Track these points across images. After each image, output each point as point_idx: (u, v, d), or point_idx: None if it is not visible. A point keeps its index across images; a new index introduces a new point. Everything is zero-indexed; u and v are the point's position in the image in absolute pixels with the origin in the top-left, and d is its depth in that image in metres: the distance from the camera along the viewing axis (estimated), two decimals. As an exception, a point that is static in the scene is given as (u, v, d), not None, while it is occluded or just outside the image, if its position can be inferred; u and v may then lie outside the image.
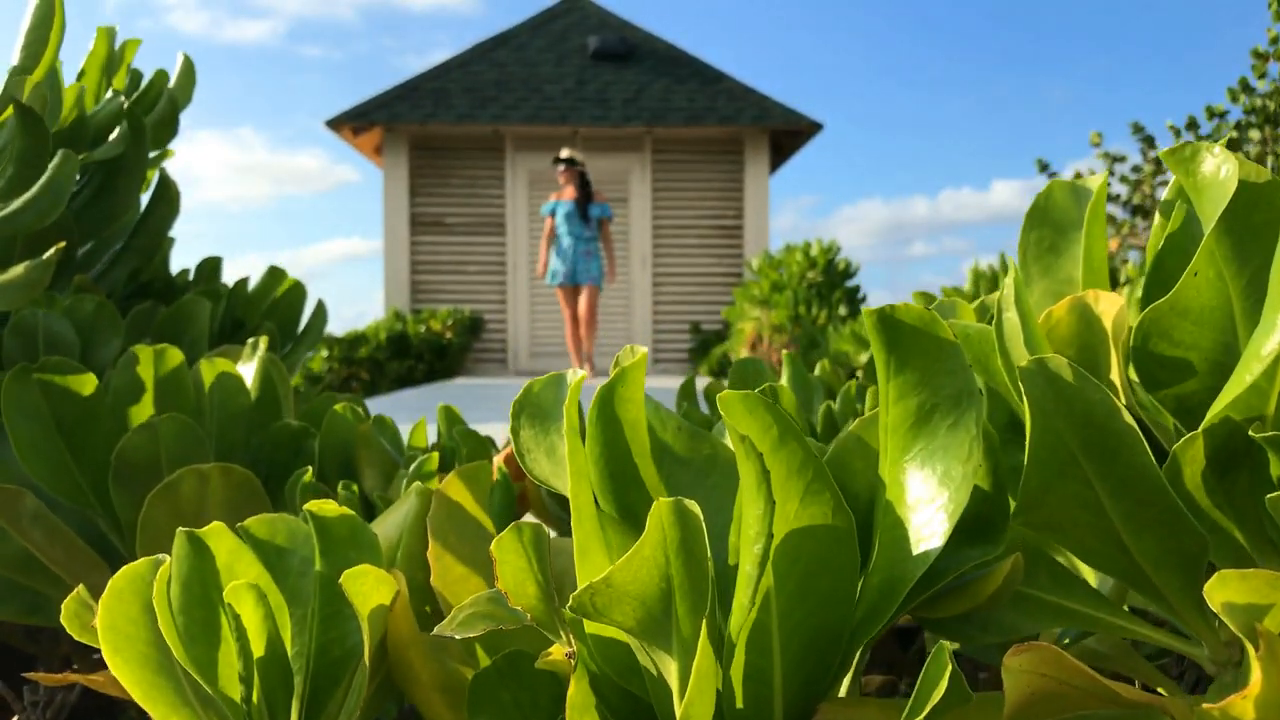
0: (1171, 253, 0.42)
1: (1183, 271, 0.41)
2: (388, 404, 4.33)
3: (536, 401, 0.33)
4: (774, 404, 0.27)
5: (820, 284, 4.72)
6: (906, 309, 0.28)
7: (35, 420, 0.50)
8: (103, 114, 0.85)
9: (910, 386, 0.28)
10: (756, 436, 0.27)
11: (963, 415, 0.28)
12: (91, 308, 0.71)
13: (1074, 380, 0.28)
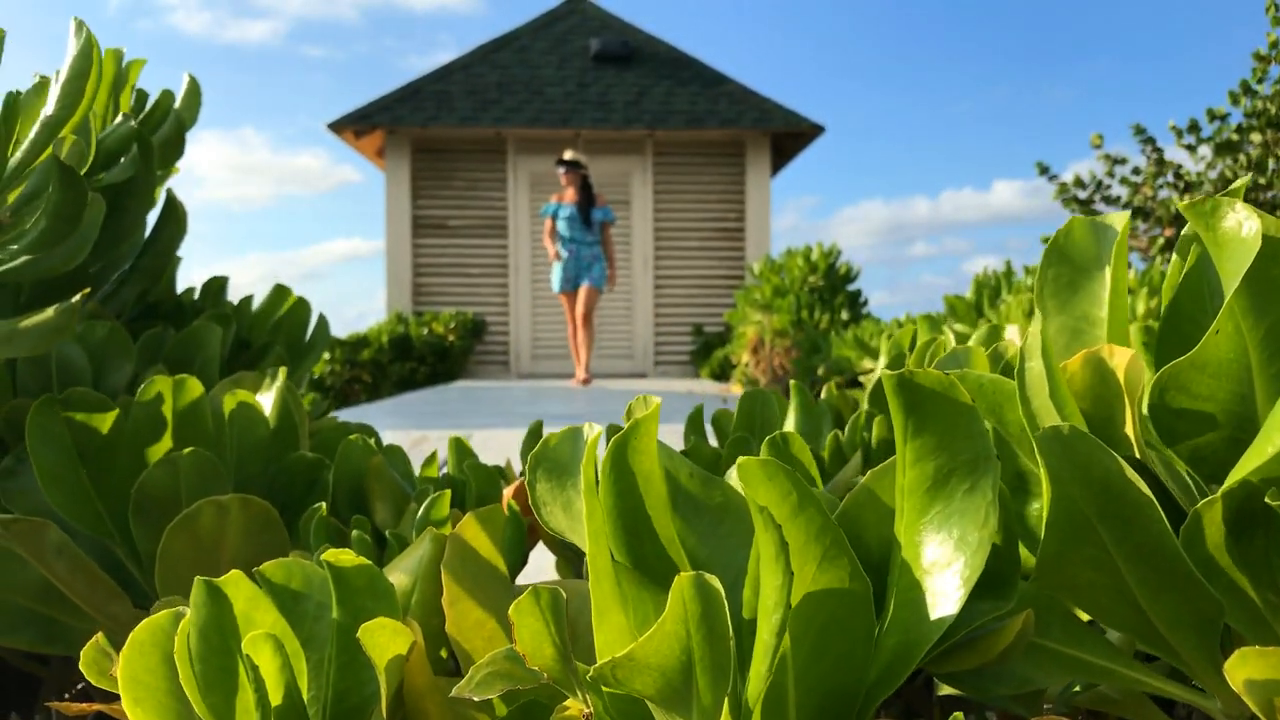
0: (1186, 298, 0.42)
1: (1196, 316, 0.41)
2: (390, 407, 4.33)
3: (553, 456, 0.33)
4: (791, 471, 0.27)
5: (822, 288, 4.72)
6: (925, 374, 0.28)
7: (58, 451, 0.50)
8: (113, 138, 0.85)
9: (928, 450, 0.29)
10: (775, 503, 0.27)
11: (979, 480, 0.28)
12: (104, 334, 0.71)
13: (1090, 449, 0.28)
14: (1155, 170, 9.71)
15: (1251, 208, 0.36)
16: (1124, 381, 0.34)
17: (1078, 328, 0.46)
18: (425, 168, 8.81)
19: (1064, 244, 0.46)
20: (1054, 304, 0.46)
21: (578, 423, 1.57)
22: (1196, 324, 0.41)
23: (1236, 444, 0.37)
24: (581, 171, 6.73)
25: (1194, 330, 0.41)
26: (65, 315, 0.57)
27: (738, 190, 8.92)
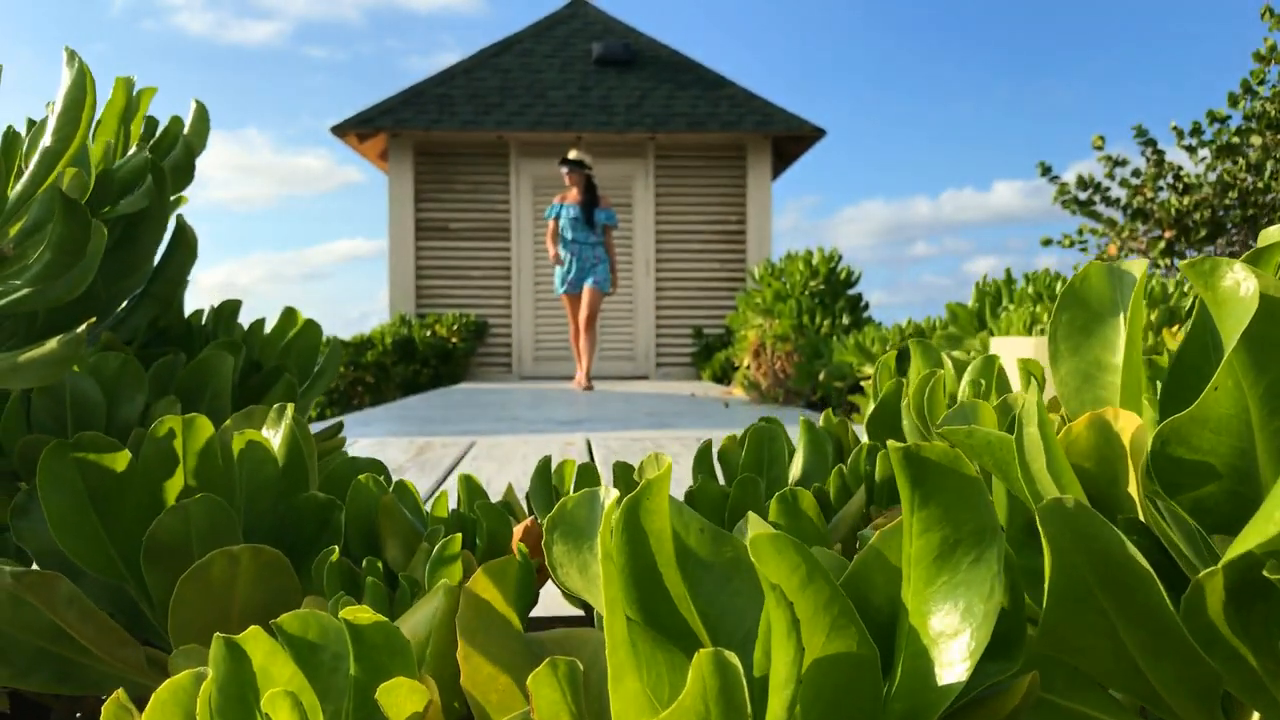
0: (1191, 351, 0.43)
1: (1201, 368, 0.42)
2: (394, 412, 4.34)
3: (570, 519, 0.34)
4: (800, 544, 0.28)
5: (822, 292, 4.72)
6: (931, 448, 0.29)
7: (69, 496, 0.51)
8: (126, 168, 0.86)
9: (934, 521, 0.29)
10: (785, 576, 0.28)
11: (984, 552, 0.29)
12: (116, 365, 0.72)
13: (1091, 521, 0.29)
14: (1155, 172, 9.71)
15: (1249, 267, 0.37)
16: (1129, 445, 0.34)
17: (1089, 373, 0.46)
18: (428, 171, 8.82)
19: (1080, 288, 0.46)
20: (1066, 347, 0.46)
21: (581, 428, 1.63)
22: (1200, 375, 0.42)
23: (1237, 496, 0.38)
24: (586, 171, 6.68)
25: (1198, 382, 0.42)
26: (69, 346, 0.57)
27: (739, 193, 8.92)
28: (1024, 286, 2.55)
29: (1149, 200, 9.39)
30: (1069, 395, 0.46)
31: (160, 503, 0.55)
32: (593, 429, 3.36)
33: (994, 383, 0.70)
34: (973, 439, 0.37)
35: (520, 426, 3.46)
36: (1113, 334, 0.45)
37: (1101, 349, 0.45)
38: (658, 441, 2.87)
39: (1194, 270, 0.38)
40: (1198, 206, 9.12)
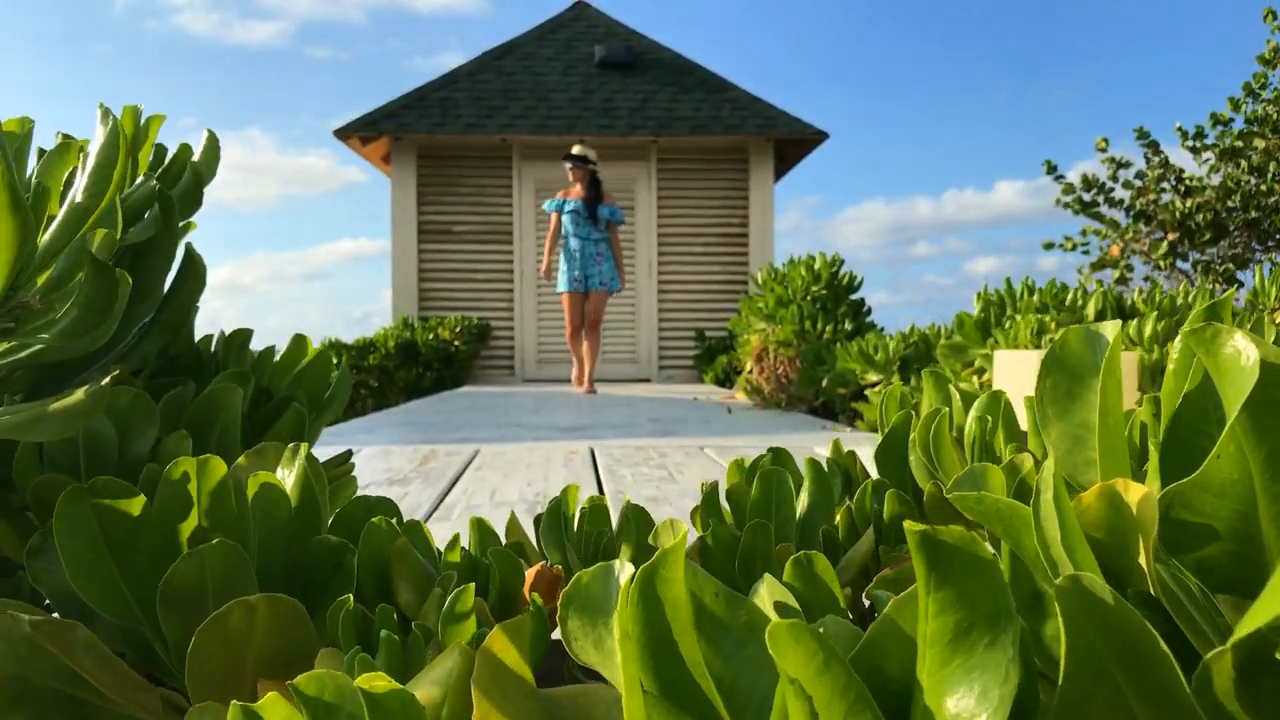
0: (1189, 407, 0.43)
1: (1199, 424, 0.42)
2: (397, 417, 4.35)
3: (585, 593, 0.34)
4: (815, 632, 0.28)
5: (824, 297, 4.72)
6: (949, 531, 0.29)
7: (86, 542, 0.52)
8: (134, 197, 0.87)
9: (950, 603, 0.30)
10: (802, 663, 0.28)
11: (999, 635, 0.29)
12: (128, 400, 0.72)
13: (1107, 600, 0.29)
14: (1159, 174, 9.70)
15: (1251, 335, 0.38)
16: (1138, 516, 0.35)
17: (1078, 435, 0.47)
18: (431, 174, 8.83)
19: (1061, 353, 0.47)
20: (1054, 411, 0.47)
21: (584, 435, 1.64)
22: (1198, 431, 0.42)
23: (1240, 558, 0.39)
24: (590, 167, 6.50)
25: (1195, 436, 0.42)
26: (95, 398, 0.58)
27: (741, 196, 8.93)
28: (1028, 296, 2.55)
29: (1152, 202, 9.38)
30: (1061, 457, 0.46)
31: (174, 545, 0.55)
32: (596, 435, 3.37)
33: (1000, 418, 0.70)
34: (983, 505, 0.37)
35: (523, 433, 3.46)
36: (1095, 396, 0.45)
37: (1087, 411, 0.45)
38: (661, 450, 2.87)
39: (1195, 336, 0.39)
40: (1200, 209, 9.12)
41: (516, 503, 1.95)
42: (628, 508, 0.56)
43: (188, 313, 0.91)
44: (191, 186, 0.97)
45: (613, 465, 2.52)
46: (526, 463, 2.57)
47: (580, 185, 6.54)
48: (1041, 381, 0.48)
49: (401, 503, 1.95)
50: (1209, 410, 0.43)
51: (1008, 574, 0.39)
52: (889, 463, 0.78)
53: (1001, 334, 2.33)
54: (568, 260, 6.57)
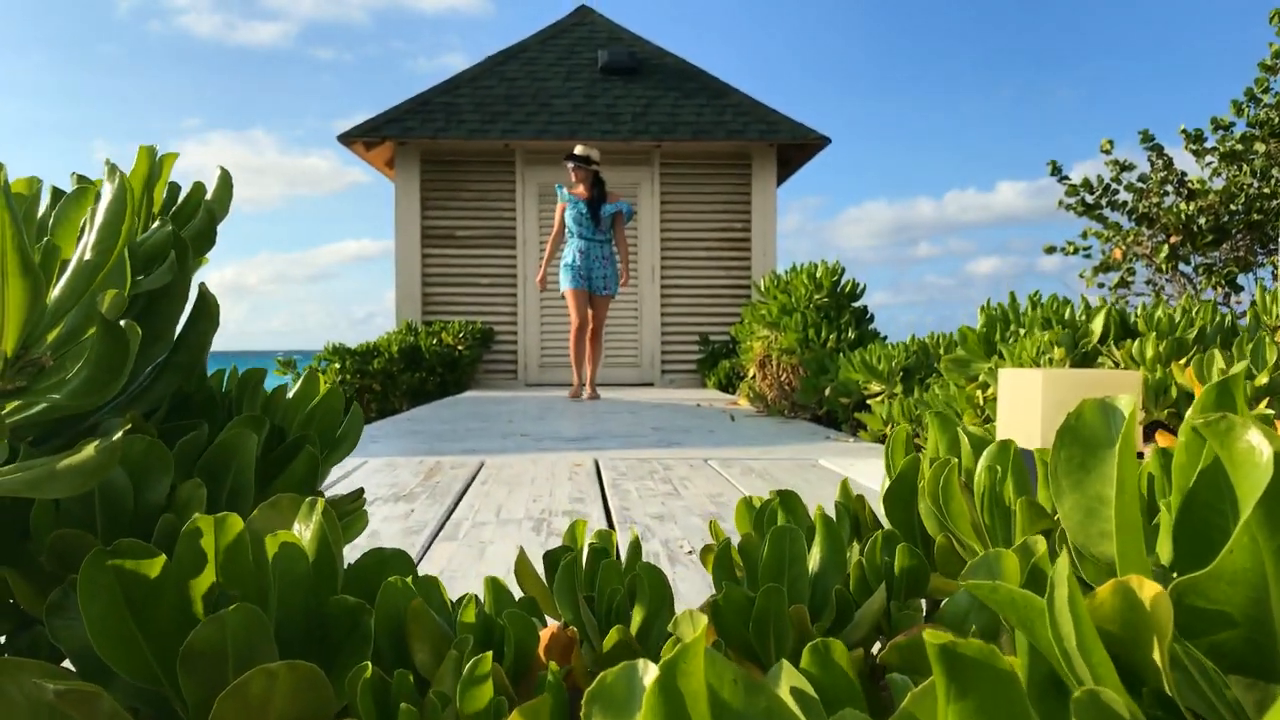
0: (1203, 488, 0.44)
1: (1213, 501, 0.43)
2: (402, 425, 4.36)
3: (609, 693, 0.35)
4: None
5: (827, 305, 4.73)
6: (968, 644, 0.30)
7: (108, 605, 0.52)
8: (150, 243, 0.87)
9: (968, 714, 0.30)
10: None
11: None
12: (143, 448, 0.73)
13: (1124, 715, 0.30)
14: (1162, 177, 9.68)
15: (1266, 429, 0.38)
16: (1152, 613, 0.35)
17: (1091, 506, 0.47)
18: (434, 179, 8.84)
19: (1075, 425, 0.48)
20: (1068, 483, 0.48)
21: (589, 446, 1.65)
22: (1212, 508, 0.43)
23: (1252, 642, 0.39)
24: (592, 167, 6.38)
25: (1209, 514, 0.43)
26: (107, 455, 0.58)
27: (744, 200, 8.93)
28: (1031, 311, 2.55)
29: (1155, 205, 9.38)
30: (1074, 528, 0.47)
31: (194, 605, 0.56)
32: (600, 446, 3.37)
33: (1009, 468, 0.71)
34: (998, 595, 0.38)
35: (528, 444, 3.47)
36: (1110, 469, 0.46)
37: (1101, 484, 0.46)
38: (665, 462, 2.87)
39: (1210, 430, 0.39)
40: (1202, 212, 9.11)
41: (522, 520, 1.95)
42: (643, 569, 0.57)
43: (201, 353, 0.92)
44: (205, 225, 0.97)
45: (617, 480, 2.52)
46: (531, 476, 2.58)
47: (583, 186, 6.42)
48: (1056, 452, 0.48)
49: (408, 519, 1.96)
50: (1221, 489, 0.43)
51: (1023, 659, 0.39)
52: (897, 507, 0.78)
53: (1006, 349, 2.34)
54: (572, 259, 6.45)
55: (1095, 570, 0.49)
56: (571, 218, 6.42)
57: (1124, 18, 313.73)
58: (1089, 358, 2.19)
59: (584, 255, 6.44)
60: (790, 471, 2.69)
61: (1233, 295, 9.56)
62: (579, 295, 6.50)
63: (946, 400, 2.55)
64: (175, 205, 0.97)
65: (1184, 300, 2.52)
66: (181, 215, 0.96)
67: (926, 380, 3.41)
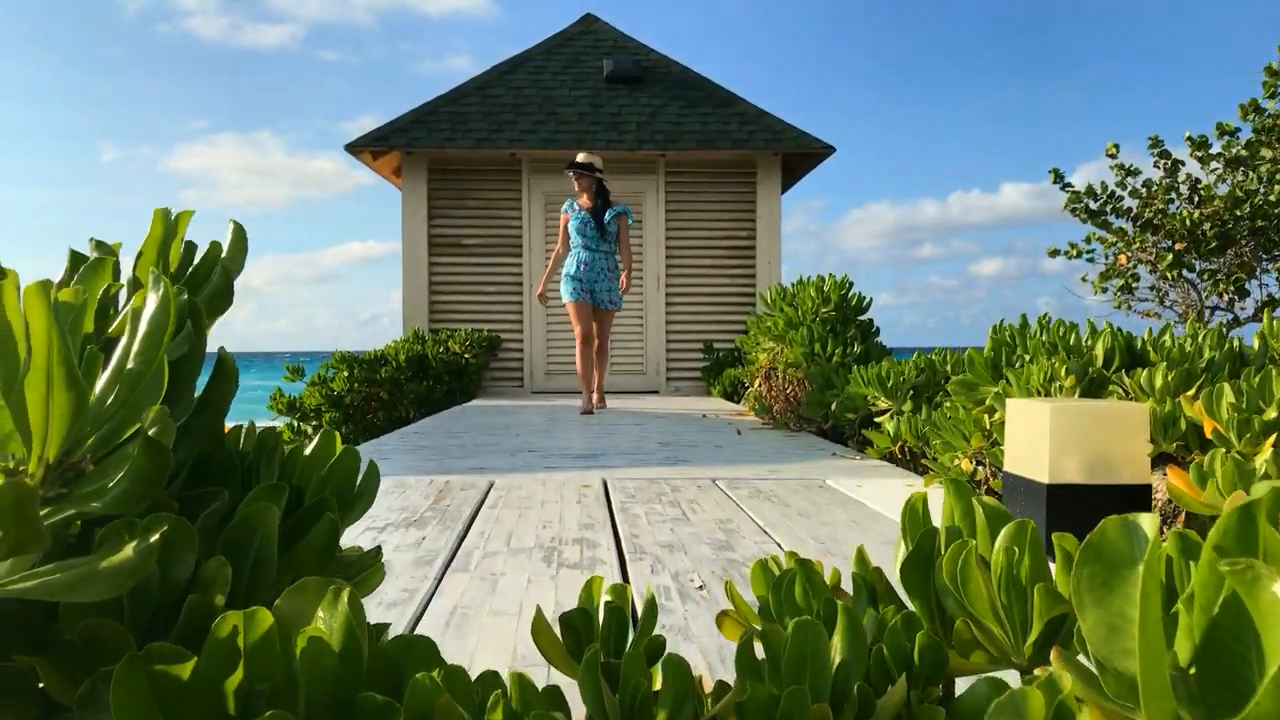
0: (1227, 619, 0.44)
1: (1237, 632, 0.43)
2: (410, 439, 4.37)
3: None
4: None
5: (833, 319, 4.73)
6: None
7: (141, 708, 0.53)
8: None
9: None
10: None
11: None
12: (169, 527, 0.74)
13: None
14: (1168, 183, 9.66)
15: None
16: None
17: (1114, 624, 0.48)
18: (441, 187, 8.86)
19: (1098, 543, 0.48)
20: (1090, 599, 0.48)
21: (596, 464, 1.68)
22: (1237, 640, 0.43)
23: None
24: (595, 175, 6.24)
25: (1234, 649, 0.44)
26: (145, 556, 0.59)
27: (749, 209, 8.94)
28: (1038, 335, 2.55)
29: (1159, 212, 9.37)
30: (1098, 644, 0.48)
31: (224, 701, 0.57)
32: (608, 464, 3.38)
33: (1026, 549, 0.71)
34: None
35: (536, 461, 3.48)
36: (1133, 589, 0.47)
37: (1124, 603, 0.47)
38: (673, 483, 2.88)
39: (1237, 578, 0.40)
40: (1207, 218, 9.09)
41: (533, 548, 1.96)
42: (666, 661, 0.57)
43: (221, 417, 0.93)
44: (222, 285, 0.99)
45: (626, 503, 2.53)
46: (541, 499, 2.59)
47: (586, 195, 6.28)
48: (1079, 569, 0.49)
49: (419, 547, 1.97)
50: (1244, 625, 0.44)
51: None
52: (915, 577, 0.79)
53: (1013, 375, 2.34)
54: (575, 270, 6.27)
55: (1117, 684, 0.50)
56: (575, 228, 6.28)
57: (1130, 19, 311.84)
58: (1098, 384, 2.19)
59: (588, 267, 6.27)
60: (798, 493, 2.69)
61: (1237, 301, 9.55)
62: (581, 308, 6.31)
63: (955, 424, 2.55)
64: (192, 265, 0.99)
65: (1190, 324, 2.52)
66: (199, 276, 0.98)
67: (934, 399, 3.41)
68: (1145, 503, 1.86)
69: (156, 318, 0.61)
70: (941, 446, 2.68)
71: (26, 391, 0.55)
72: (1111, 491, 1.84)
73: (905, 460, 3.50)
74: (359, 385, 7.77)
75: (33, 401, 0.56)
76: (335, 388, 7.79)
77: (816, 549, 1.97)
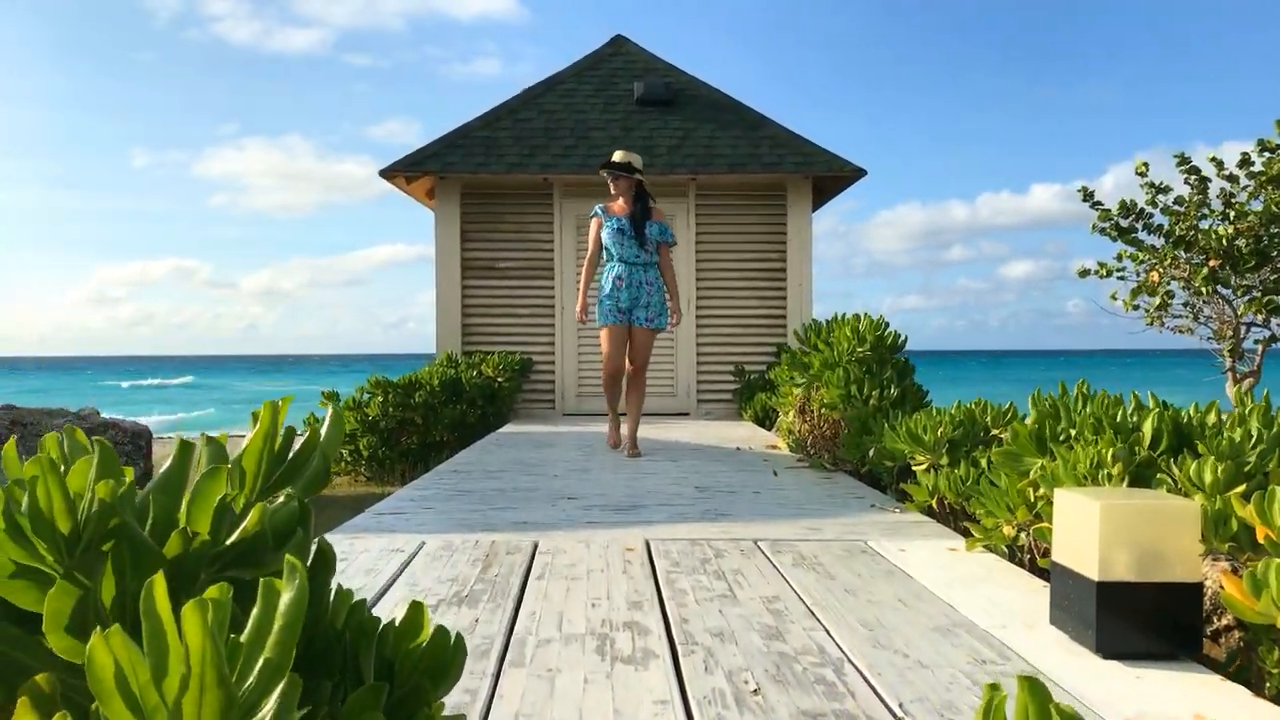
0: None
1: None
2: (450, 481, 4.44)
3: None
4: None
5: (869, 359, 4.74)
6: None
7: None
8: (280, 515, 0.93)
9: None
10: None
11: None
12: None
13: None
14: (1200, 200, 9.56)
15: None
16: None
17: None
18: (474, 211, 8.97)
19: None
20: None
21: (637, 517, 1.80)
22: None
23: None
24: (635, 176, 5.35)
25: None
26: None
27: (779, 231, 8.95)
28: (1083, 409, 2.56)
29: (1192, 228, 9.26)
30: None
31: None
32: (648, 518, 3.42)
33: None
34: None
35: (576, 515, 3.53)
36: None
37: None
38: (716, 546, 2.92)
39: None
40: (1242, 235, 8.97)
41: (585, 635, 2.01)
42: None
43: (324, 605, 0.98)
44: (320, 470, 1.04)
45: (671, 572, 2.57)
46: (586, 567, 2.63)
47: (624, 199, 5.37)
48: None
49: (474, 633, 2.02)
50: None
51: None
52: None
53: (1061, 455, 2.35)
54: (611, 288, 5.36)
55: None
56: (609, 238, 5.34)
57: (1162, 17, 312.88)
58: (1146, 468, 2.20)
59: (624, 283, 5.33)
60: (841, 560, 2.72)
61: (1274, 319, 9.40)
62: (614, 334, 5.37)
63: (999, 496, 2.57)
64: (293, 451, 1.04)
65: (1238, 394, 2.52)
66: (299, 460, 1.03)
67: (972, 453, 3.42)
68: (1197, 601, 1.86)
69: (293, 610, 0.67)
70: (985, 514, 2.70)
71: (185, 705, 0.60)
72: (1163, 590, 1.85)
73: (945, 513, 3.51)
74: (394, 410, 7.87)
75: (189, 701, 0.61)
76: (370, 412, 7.90)
77: (866, 637, 2.00)
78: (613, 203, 5.45)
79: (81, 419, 5.32)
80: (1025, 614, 2.16)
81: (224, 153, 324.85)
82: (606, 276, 5.45)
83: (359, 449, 7.85)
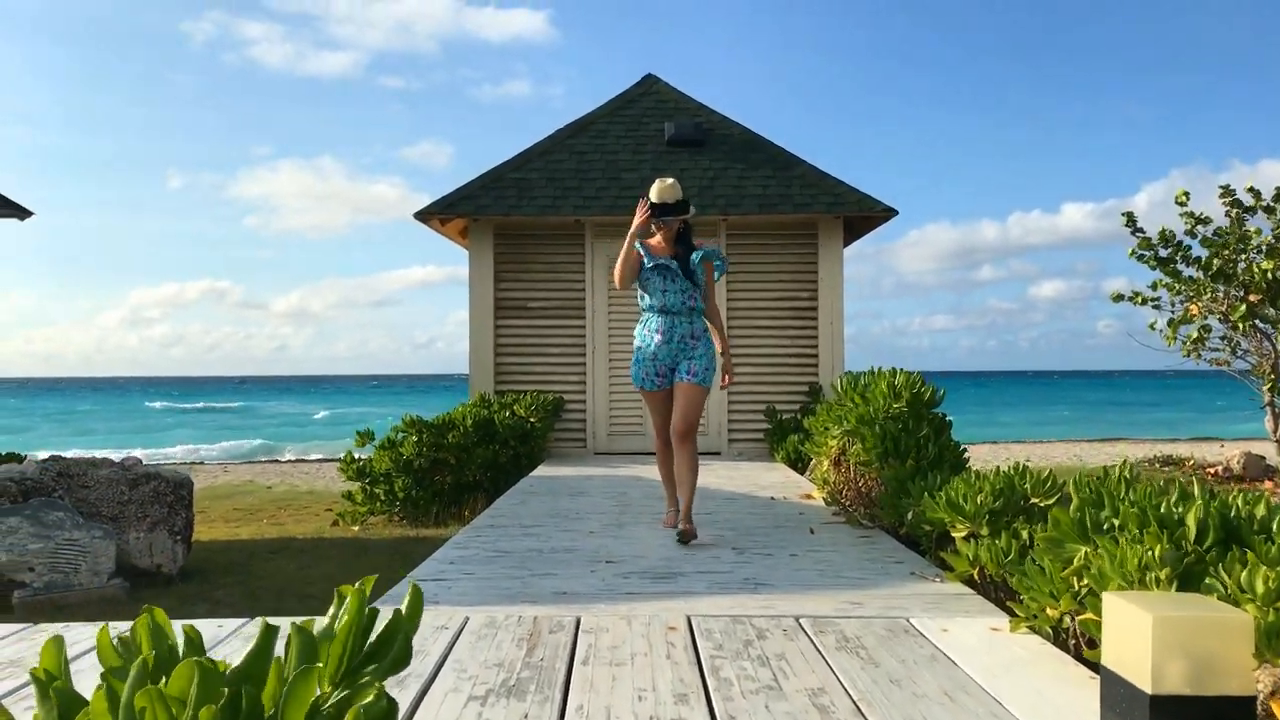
0: None
1: None
2: (488, 538, 4.47)
3: None
4: None
5: (905, 415, 4.74)
6: None
7: None
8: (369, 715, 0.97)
9: None
10: None
11: None
12: None
13: None
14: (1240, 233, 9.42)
15: None
16: None
17: None
18: (507, 252, 9.09)
19: None
20: None
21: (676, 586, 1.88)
22: None
23: None
24: (683, 217, 4.50)
25: None
26: None
27: (810, 270, 8.98)
28: (1126, 497, 2.55)
29: (1231, 261, 9.15)
30: None
31: None
32: (687, 587, 3.44)
33: None
34: None
35: (616, 583, 3.55)
36: None
37: None
38: (758, 626, 2.93)
39: None
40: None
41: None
42: None
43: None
44: (402, 652, 1.09)
45: (715, 658, 2.58)
46: (630, 650, 2.66)
47: (664, 236, 4.54)
48: None
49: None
50: None
51: None
52: None
53: (1104, 543, 2.35)
54: (648, 343, 4.49)
55: None
56: (651, 284, 4.48)
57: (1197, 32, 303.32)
58: (1195, 568, 2.19)
59: (664, 337, 4.45)
60: (885, 643, 2.72)
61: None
62: (657, 402, 4.60)
63: (1044, 583, 2.56)
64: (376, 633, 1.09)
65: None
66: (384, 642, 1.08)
67: (1013, 523, 3.41)
68: (1250, 714, 1.85)
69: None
70: (1028, 597, 2.69)
71: None
72: (1216, 703, 1.84)
73: (986, 582, 3.50)
74: (427, 450, 7.95)
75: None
76: (404, 452, 7.98)
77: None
78: (650, 239, 4.59)
79: (125, 470, 5.44)
80: (1075, 713, 2.15)
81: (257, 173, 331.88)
82: (642, 329, 4.58)
83: (394, 489, 7.93)
